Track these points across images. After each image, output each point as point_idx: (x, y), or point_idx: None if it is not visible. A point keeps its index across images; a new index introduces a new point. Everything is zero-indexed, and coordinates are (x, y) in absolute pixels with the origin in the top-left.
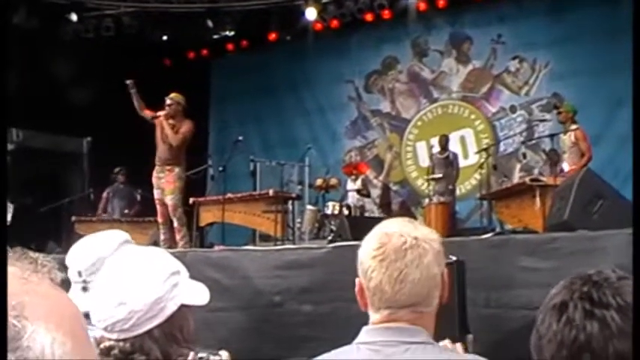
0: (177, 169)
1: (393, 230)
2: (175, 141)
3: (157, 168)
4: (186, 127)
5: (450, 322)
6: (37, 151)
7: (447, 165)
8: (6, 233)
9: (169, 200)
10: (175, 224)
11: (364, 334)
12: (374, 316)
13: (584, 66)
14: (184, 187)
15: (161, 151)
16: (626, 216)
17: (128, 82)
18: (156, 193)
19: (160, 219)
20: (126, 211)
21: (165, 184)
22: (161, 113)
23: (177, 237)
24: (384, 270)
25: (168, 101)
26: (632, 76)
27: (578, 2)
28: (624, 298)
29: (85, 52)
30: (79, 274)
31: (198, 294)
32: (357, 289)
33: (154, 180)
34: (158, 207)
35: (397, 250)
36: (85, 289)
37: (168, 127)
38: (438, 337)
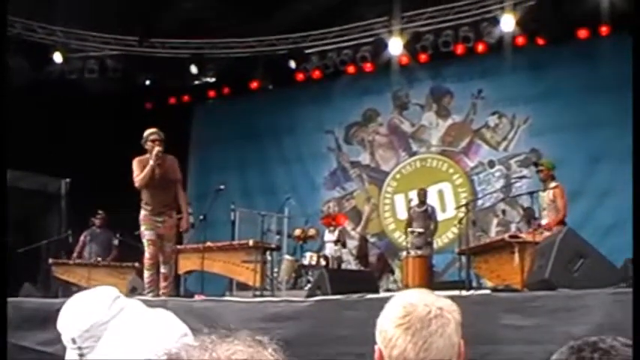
0: (174, 215)
1: (416, 300)
2: (180, 179)
3: (151, 213)
4: (176, 161)
5: None
6: (14, 190)
7: (426, 218)
8: (6, 236)
9: (168, 248)
10: (164, 271)
11: None
12: None
13: (562, 122)
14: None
15: (158, 195)
16: (606, 275)
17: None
18: (148, 234)
19: (149, 260)
20: (101, 258)
21: (164, 229)
22: (152, 157)
23: (163, 284)
24: (410, 337)
25: (157, 136)
26: (632, 76)
27: (557, 59)
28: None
29: (68, 92)
30: (73, 341)
31: None
32: (376, 356)
33: (147, 222)
34: (151, 247)
35: (422, 319)
36: (81, 355)
37: (176, 165)
38: None
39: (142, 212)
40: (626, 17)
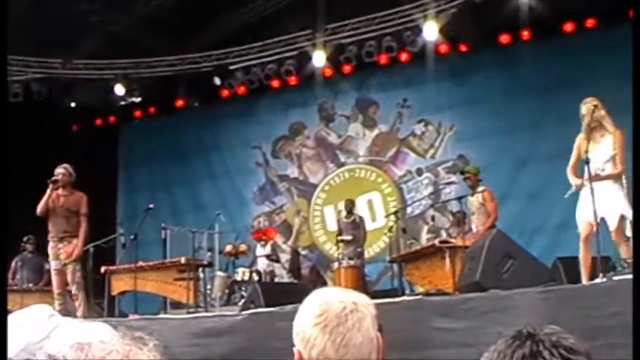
0: (75, 240)
1: (331, 297)
2: (85, 213)
3: (54, 239)
4: (85, 198)
5: None
6: None
7: (355, 228)
8: (5, 237)
9: (70, 268)
10: (73, 291)
11: None
12: None
13: (487, 127)
14: (83, 257)
15: (59, 223)
16: (535, 274)
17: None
18: (53, 264)
19: (57, 289)
20: (32, 283)
21: (65, 253)
22: (54, 184)
23: (76, 303)
24: (328, 336)
25: (61, 170)
26: (632, 77)
27: (479, 66)
28: (584, 347)
29: None
30: None
31: None
32: (295, 358)
33: (52, 251)
34: (55, 278)
35: (338, 315)
36: None
37: (84, 201)
38: None
39: (49, 243)
40: (546, 21)
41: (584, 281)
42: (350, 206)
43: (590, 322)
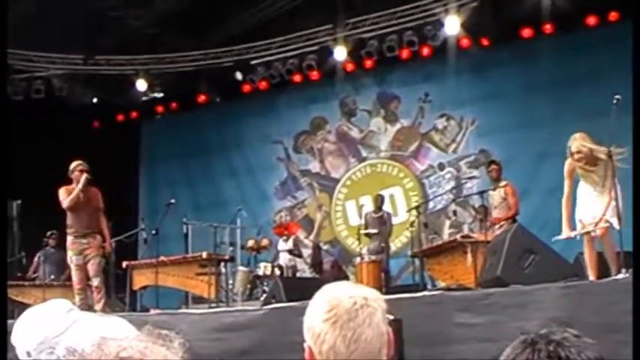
0: (98, 236)
1: (341, 293)
2: (102, 208)
3: (76, 236)
4: (100, 193)
5: None
6: None
7: (381, 224)
8: (6, 238)
9: (95, 260)
10: (96, 283)
11: None
12: None
13: (508, 121)
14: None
15: (83, 219)
16: (557, 269)
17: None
18: (75, 260)
19: (78, 285)
20: (55, 277)
21: (90, 249)
22: (81, 182)
23: (97, 296)
24: (338, 331)
25: (83, 167)
26: (632, 77)
27: (501, 60)
28: (588, 355)
29: (14, 113)
30: (28, 354)
31: None
32: (306, 354)
33: (74, 246)
34: (77, 273)
35: (349, 310)
36: None
37: (99, 196)
38: None
39: (69, 238)
40: (568, 14)
41: (592, 278)
42: (380, 202)
43: (610, 318)
